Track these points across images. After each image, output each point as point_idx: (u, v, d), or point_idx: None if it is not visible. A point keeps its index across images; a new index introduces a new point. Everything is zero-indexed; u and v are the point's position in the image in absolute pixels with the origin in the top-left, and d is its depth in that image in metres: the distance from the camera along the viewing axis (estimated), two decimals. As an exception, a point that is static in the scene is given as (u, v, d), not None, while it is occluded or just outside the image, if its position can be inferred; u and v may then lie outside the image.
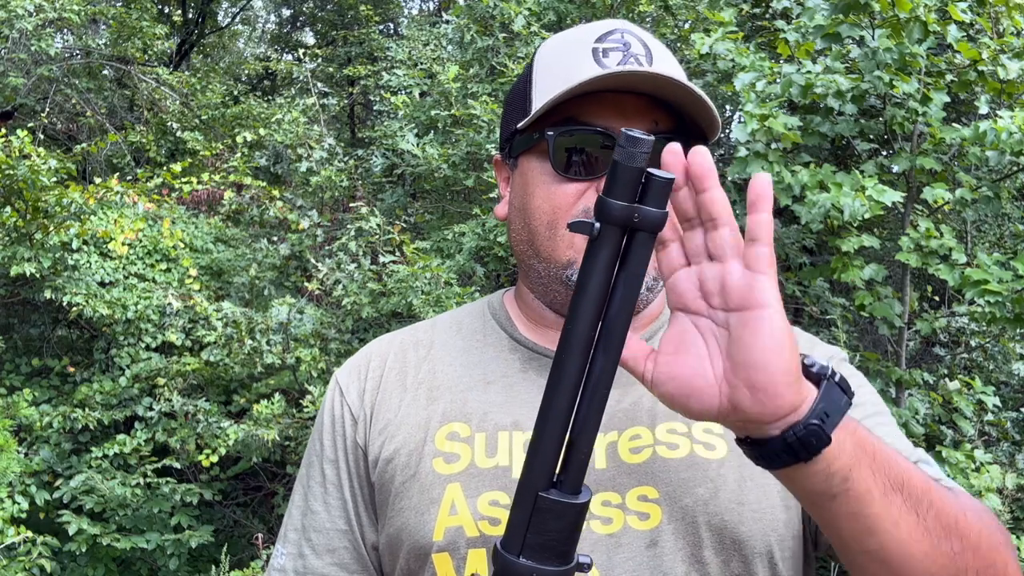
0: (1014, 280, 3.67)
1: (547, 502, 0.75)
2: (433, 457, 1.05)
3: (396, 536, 1.05)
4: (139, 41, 8.37)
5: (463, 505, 1.01)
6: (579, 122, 1.02)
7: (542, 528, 0.75)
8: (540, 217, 1.06)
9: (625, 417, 1.05)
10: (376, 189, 6.68)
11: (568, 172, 1.03)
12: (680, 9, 6.35)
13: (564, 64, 1.06)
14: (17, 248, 5.38)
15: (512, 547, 0.76)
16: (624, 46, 1.05)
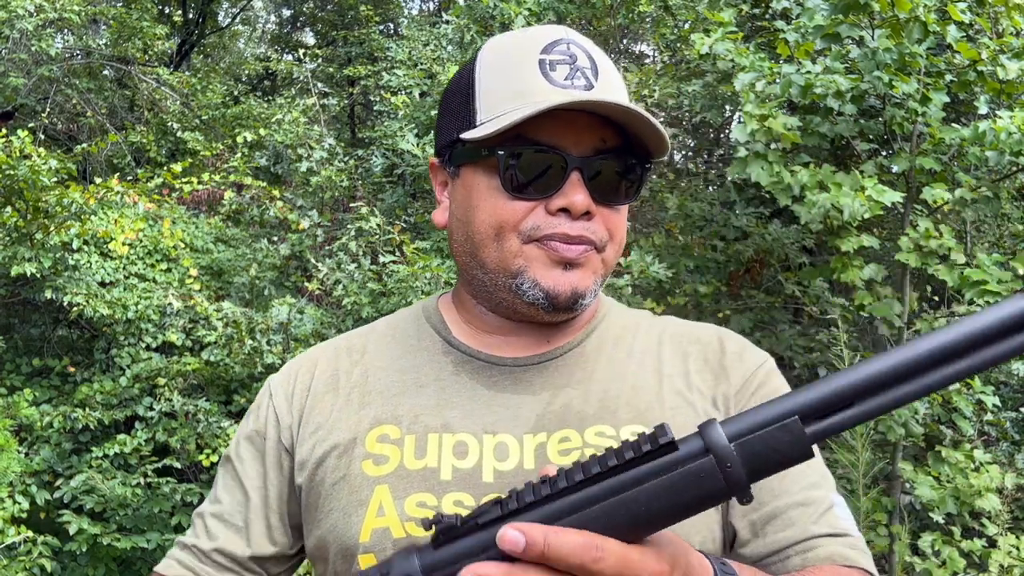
0: (1013, 280, 3.67)
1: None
2: (363, 459, 1.06)
3: (324, 538, 1.06)
4: (139, 41, 8.37)
5: (390, 506, 1.02)
6: (529, 140, 1.02)
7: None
8: (486, 231, 1.06)
9: (555, 419, 1.06)
10: (376, 189, 6.68)
11: (518, 191, 1.04)
12: (680, 9, 6.35)
13: (510, 75, 1.06)
14: (18, 248, 5.38)
15: None
16: (571, 59, 1.05)
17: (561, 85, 1.03)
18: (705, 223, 5.55)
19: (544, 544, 0.65)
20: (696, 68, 5.81)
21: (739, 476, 0.68)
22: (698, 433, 0.70)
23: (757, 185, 4.10)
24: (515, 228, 1.04)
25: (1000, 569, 4.04)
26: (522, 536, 0.66)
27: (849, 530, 1.04)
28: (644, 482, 0.69)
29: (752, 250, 5.46)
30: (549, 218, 1.03)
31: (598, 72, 1.06)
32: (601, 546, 0.67)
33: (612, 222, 1.07)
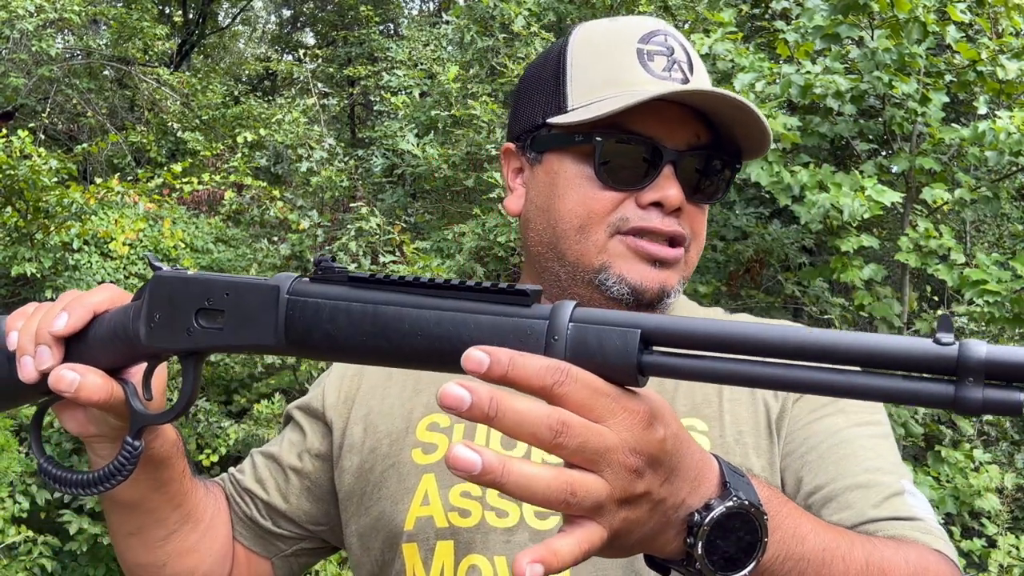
0: (1013, 280, 3.67)
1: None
2: (413, 447, 1.05)
3: (373, 525, 1.05)
4: (140, 41, 8.37)
5: (435, 496, 1.01)
6: (626, 130, 1.00)
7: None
8: (571, 220, 1.03)
9: None
10: (376, 189, 6.68)
11: (610, 181, 1.01)
12: (680, 9, 6.35)
13: (608, 63, 1.03)
14: (18, 248, 5.38)
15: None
16: (668, 51, 1.04)
17: (659, 76, 1.01)
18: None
19: (509, 364, 0.61)
20: (696, 68, 5.81)
21: (558, 352, 0.65)
22: (556, 303, 0.68)
23: (757, 185, 4.10)
24: (603, 219, 1.01)
25: (1000, 569, 4.04)
26: (487, 356, 0.62)
27: (922, 516, 0.94)
28: (483, 313, 0.69)
29: (752, 250, 5.46)
30: (639, 211, 1.01)
31: (693, 66, 1.05)
32: (566, 370, 0.62)
33: (697, 220, 1.05)
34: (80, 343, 0.84)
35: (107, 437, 0.91)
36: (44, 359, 0.83)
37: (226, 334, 0.78)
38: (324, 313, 0.73)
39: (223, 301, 0.78)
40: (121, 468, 0.84)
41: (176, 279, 0.81)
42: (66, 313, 0.83)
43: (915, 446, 4.47)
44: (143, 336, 0.81)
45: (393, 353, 0.71)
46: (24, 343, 0.84)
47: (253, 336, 0.77)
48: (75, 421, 0.91)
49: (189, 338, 0.79)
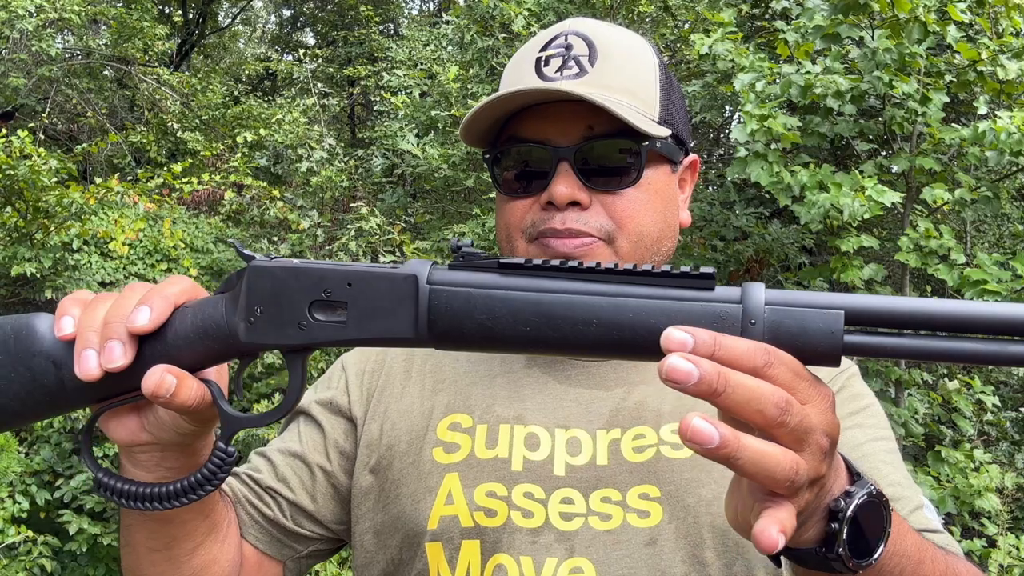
0: (1013, 280, 3.67)
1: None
2: (434, 446, 1.04)
3: (392, 523, 1.04)
4: (140, 41, 8.37)
5: (460, 495, 1.00)
6: (517, 138, 1.02)
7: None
8: (501, 234, 1.07)
9: (630, 416, 1.04)
10: (376, 189, 6.68)
11: (512, 191, 1.03)
12: (680, 9, 6.35)
13: (513, 76, 1.06)
14: (18, 248, 5.38)
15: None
16: (565, 49, 1.03)
17: (549, 78, 1.01)
18: (705, 223, 5.55)
19: (715, 344, 0.61)
20: (696, 68, 5.81)
21: (756, 336, 0.64)
22: (741, 285, 0.67)
23: (757, 185, 4.10)
24: (518, 228, 1.04)
25: (1000, 569, 4.04)
26: (690, 336, 0.61)
27: (943, 530, 0.98)
28: (666, 298, 0.66)
29: (752, 250, 5.46)
30: (541, 213, 1.02)
31: (596, 56, 1.03)
32: (773, 352, 0.62)
33: (616, 209, 1.02)
34: (154, 340, 0.74)
35: (156, 445, 0.81)
36: (114, 356, 0.73)
37: (350, 328, 0.72)
38: (478, 303, 0.69)
39: (345, 292, 0.71)
40: (212, 476, 0.76)
41: (282, 269, 0.73)
42: (148, 307, 0.74)
43: (915, 446, 4.47)
44: (242, 332, 0.73)
45: (560, 343, 0.68)
46: (88, 335, 0.74)
47: (384, 329, 0.71)
48: (126, 429, 0.80)
49: (302, 333, 0.72)
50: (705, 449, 0.58)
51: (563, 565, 0.96)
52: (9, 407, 0.76)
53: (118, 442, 0.81)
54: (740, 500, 0.67)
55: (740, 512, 0.67)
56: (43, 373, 0.75)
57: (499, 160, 1.04)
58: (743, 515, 0.66)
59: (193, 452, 0.83)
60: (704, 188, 6.60)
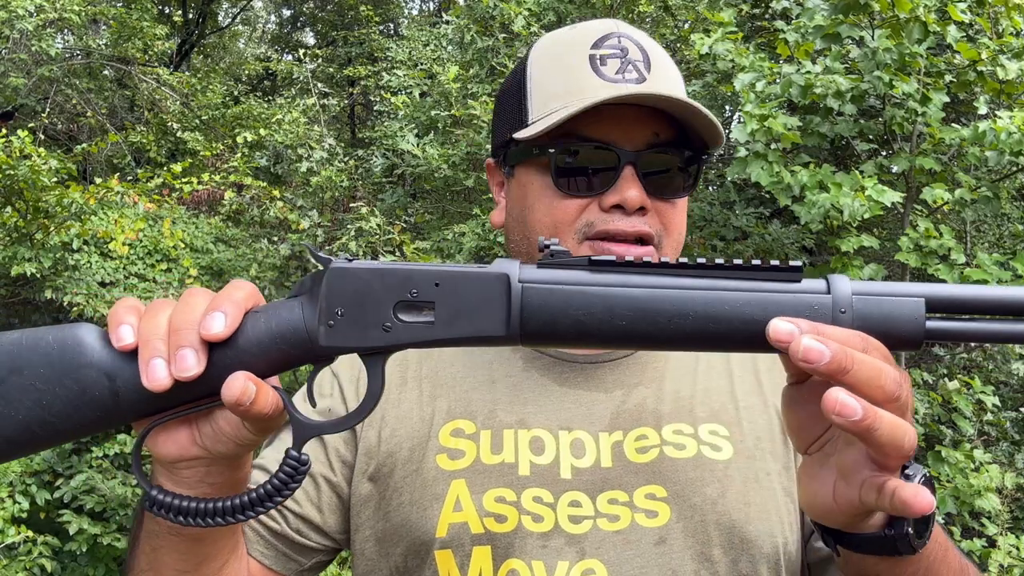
0: (1013, 280, 3.67)
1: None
2: (437, 453, 1.04)
3: (394, 532, 1.03)
4: (139, 41, 8.37)
5: (468, 501, 1.00)
6: (580, 136, 1.01)
7: None
8: (540, 230, 1.05)
9: (630, 417, 1.05)
10: (376, 189, 6.68)
11: (570, 189, 1.03)
12: (680, 9, 6.36)
13: (561, 72, 1.05)
14: (18, 248, 5.38)
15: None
16: (621, 52, 1.04)
17: (612, 80, 1.02)
18: (705, 223, 5.56)
19: (817, 333, 0.66)
20: (696, 68, 5.81)
21: (845, 324, 0.68)
22: (823, 277, 0.71)
23: (757, 185, 4.10)
24: (570, 227, 1.03)
25: (1000, 569, 4.04)
26: (795, 327, 0.66)
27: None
28: (762, 291, 0.69)
29: (752, 250, 5.46)
30: (603, 215, 1.02)
31: (651, 64, 1.05)
32: (866, 339, 0.67)
33: (667, 217, 1.05)
34: (224, 347, 0.71)
35: (203, 460, 0.76)
36: (187, 365, 0.69)
37: (438, 328, 0.71)
38: (574, 300, 0.70)
39: (432, 292, 0.71)
40: (284, 486, 0.72)
41: (364, 270, 0.72)
42: (221, 313, 0.71)
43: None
44: (322, 336, 0.71)
45: (655, 336, 0.70)
46: (154, 343, 0.70)
47: (474, 328, 0.71)
48: (176, 443, 0.75)
49: (387, 334, 0.71)
50: (849, 421, 0.63)
51: (575, 567, 0.96)
52: (53, 425, 0.71)
53: (164, 457, 0.76)
54: (839, 481, 0.71)
55: (841, 492, 0.71)
56: (94, 386, 0.71)
57: (556, 156, 1.02)
58: (845, 494, 0.70)
59: (239, 466, 0.80)
60: (704, 188, 6.60)
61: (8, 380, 0.70)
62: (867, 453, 0.68)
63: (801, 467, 0.77)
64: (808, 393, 0.72)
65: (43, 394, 0.70)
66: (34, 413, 0.70)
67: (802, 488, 0.76)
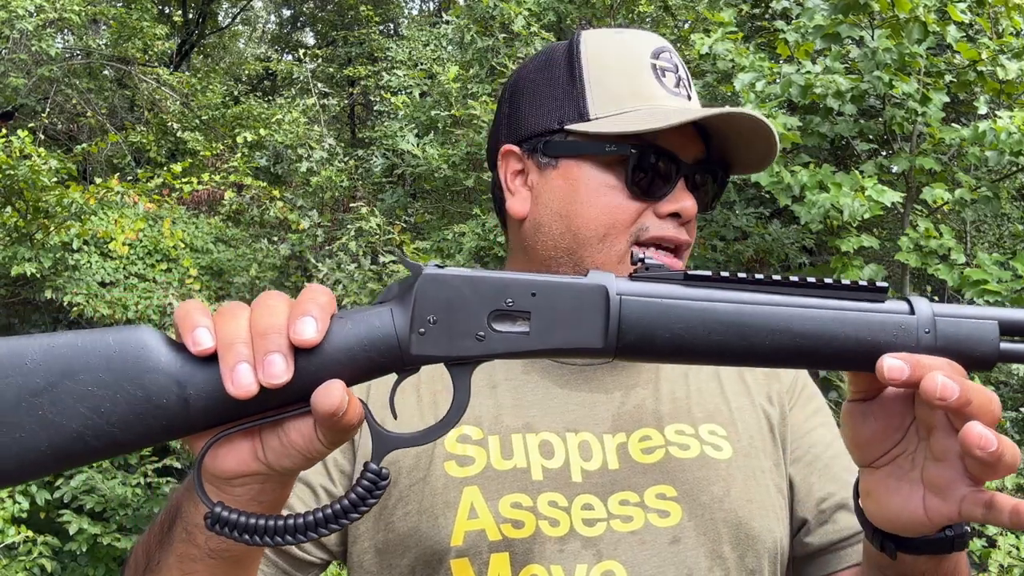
0: (1013, 280, 3.67)
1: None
2: (444, 460, 1.02)
3: (399, 542, 1.01)
4: (139, 41, 8.38)
5: (483, 508, 0.98)
6: (648, 143, 1.04)
7: None
8: (595, 228, 1.04)
9: (631, 418, 1.06)
10: (376, 189, 6.69)
11: (638, 191, 1.04)
12: (680, 9, 6.36)
13: (627, 76, 1.06)
14: (18, 248, 5.38)
15: None
16: (675, 68, 1.09)
17: (673, 92, 1.07)
18: (705, 223, 5.56)
19: (922, 367, 0.69)
20: (696, 68, 5.81)
21: (929, 343, 0.71)
22: (903, 298, 0.74)
23: (757, 185, 4.10)
24: (626, 229, 1.04)
25: (1000, 569, 4.04)
26: (907, 364, 0.70)
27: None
28: (847, 309, 0.72)
29: (752, 250, 5.47)
30: (658, 221, 1.05)
31: (691, 82, 1.12)
32: (956, 366, 0.71)
33: (693, 229, 1.10)
34: (309, 354, 0.68)
35: (260, 477, 0.72)
36: (277, 371, 0.65)
37: (533, 338, 0.70)
38: (672, 313, 0.70)
39: (528, 302, 0.70)
40: (361, 501, 0.69)
41: (458, 278, 0.70)
42: (312, 318, 0.67)
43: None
44: (413, 344, 0.69)
45: (747, 352, 0.71)
46: (238, 347, 0.66)
47: (570, 339, 0.70)
48: (238, 457, 0.71)
49: (480, 344, 0.70)
50: (987, 453, 0.68)
51: (594, 570, 0.97)
52: (111, 435, 0.65)
53: (222, 473, 0.71)
54: (932, 497, 0.74)
55: (935, 507, 0.74)
56: (161, 393, 0.65)
57: (636, 158, 1.04)
58: (941, 509, 0.73)
59: (289, 484, 0.77)
60: (704, 188, 6.59)
61: (60, 385, 0.64)
62: (963, 470, 0.72)
63: (871, 481, 0.79)
64: (879, 409, 0.76)
65: (102, 401, 0.65)
66: (90, 422, 0.64)
67: (876, 502, 0.78)
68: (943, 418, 0.73)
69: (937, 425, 0.73)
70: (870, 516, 0.80)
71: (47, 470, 0.65)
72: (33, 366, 0.64)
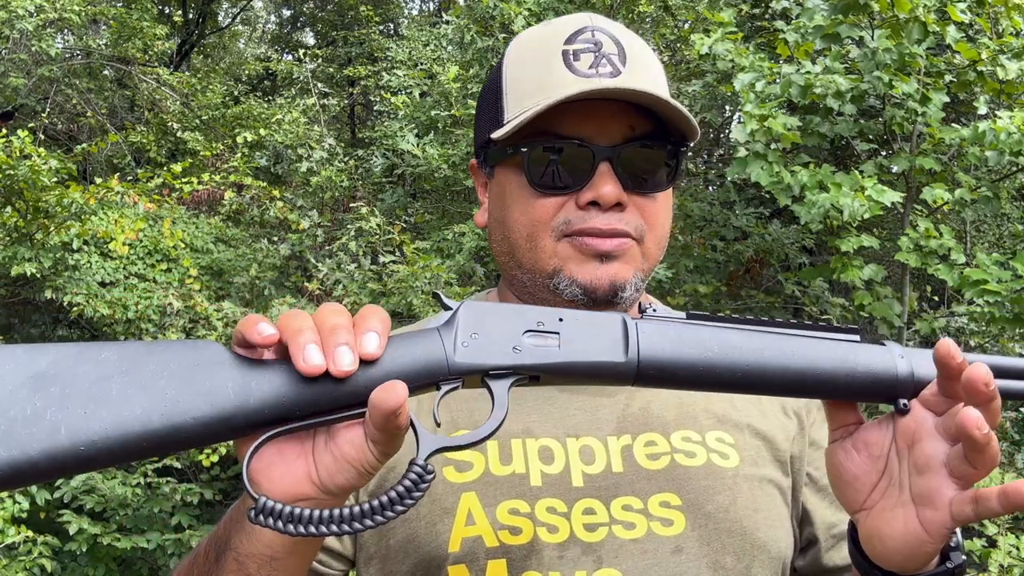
0: (1013, 280, 3.67)
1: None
2: (443, 465, 1.01)
3: (401, 548, 1.00)
4: (139, 41, 8.37)
5: (481, 514, 0.98)
6: (553, 134, 1.00)
7: None
8: (519, 230, 1.03)
9: (637, 421, 1.04)
10: (376, 189, 6.69)
11: (545, 187, 1.01)
12: (680, 9, 6.36)
13: (534, 69, 1.03)
14: (18, 248, 5.38)
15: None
16: (595, 46, 1.02)
17: (585, 75, 1.00)
18: (705, 223, 5.56)
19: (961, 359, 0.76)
20: (696, 68, 5.82)
21: (906, 373, 0.80)
22: (878, 341, 0.83)
23: (757, 185, 4.10)
24: (547, 225, 1.01)
25: (1000, 569, 4.04)
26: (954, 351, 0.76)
27: None
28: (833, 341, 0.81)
29: (752, 250, 5.47)
30: (580, 212, 1.00)
31: (626, 57, 1.02)
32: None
33: (648, 211, 1.03)
34: (368, 365, 0.73)
35: (312, 501, 0.75)
36: (346, 361, 0.71)
37: (562, 350, 0.79)
38: (685, 336, 0.79)
39: (556, 324, 0.79)
40: (408, 494, 0.73)
41: (495, 305, 0.81)
42: (376, 333, 0.72)
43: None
44: (457, 355, 0.76)
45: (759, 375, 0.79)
46: (307, 333, 0.71)
47: (594, 353, 0.78)
48: (293, 477, 0.74)
49: (517, 355, 0.78)
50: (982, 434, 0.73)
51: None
52: (171, 420, 0.69)
53: (275, 495, 0.72)
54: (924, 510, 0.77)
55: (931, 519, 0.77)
56: (222, 385, 0.70)
57: (528, 155, 1.01)
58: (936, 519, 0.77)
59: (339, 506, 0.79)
60: (704, 188, 6.60)
61: (131, 372, 0.69)
62: (947, 475, 0.75)
63: (868, 523, 0.81)
64: (859, 443, 0.81)
65: (167, 387, 0.69)
66: (155, 404, 0.68)
67: (880, 541, 0.80)
68: (930, 425, 0.76)
69: (924, 435, 0.76)
70: (876, 558, 0.81)
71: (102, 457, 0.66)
72: (106, 359, 0.69)
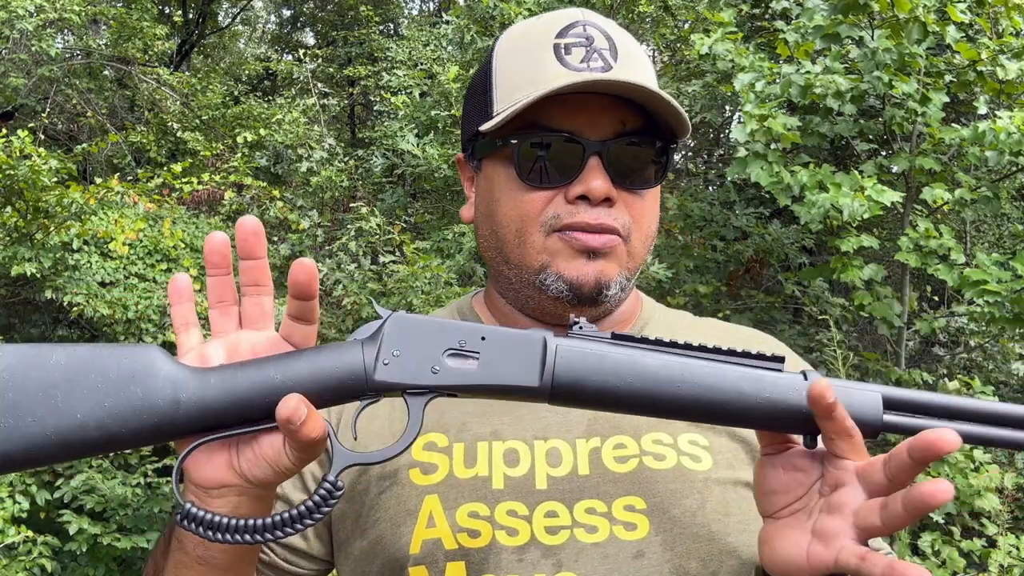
0: (1013, 280, 3.67)
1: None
2: (410, 467, 1.01)
3: (370, 549, 1.01)
4: (139, 41, 8.37)
5: (441, 517, 0.98)
6: (543, 127, 0.99)
7: None
8: (508, 225, 1.02)
9: (608, 424, 1.03)
10: (376, 189, 6.69)
11: (534, 181, 1.00)
12: (680, 9, 6.36)
13: (525, 62, 1.02)
14: (18, 248, 5.38)
15: None
16: (586, 40, 1.01)
17: (576, 68, 0.99)
18: (705, 223, 5.56)
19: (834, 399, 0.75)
20: (696, 68, 5.82)
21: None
22: (801, 372, 0.82)
23: (757, 185, 4.10)
24: (536, 220, 1.00)
25: (1000, 569, 4.04)
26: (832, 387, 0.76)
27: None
28: (756, 370, 0.80)
29: (752, 250, 5.47)
30: (568, 207, 0.99)
31: (617, 52, 1.01)
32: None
33: (636, 208, 1.02)
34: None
35: (236, 489, 0.79)
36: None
37: (480, 372, 0.80)
38: (604, 363, 0.79)
39: (478, 344, 0.80)
40: (316, 509, 0.76)
41: (420, 321, 0.81)
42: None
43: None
44: (377, 372, 0.78)
45: (674, 403, 0.79)
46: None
47: (511, 377, 0.79)
48: (214, 467, 0.78)
49: (435, 376, 0.79)
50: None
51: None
52: (108, 428, 0.74)
53: (201, 481, 0.78)
54: (815, 544, 0.78)
55: (817, 553, 0.78)
56: (156, 394, 0.75)
57: (518, 147, 1.00)
58: (821, 555, 0.77)
59: (266, 500, 0.82)
60: (704, 188, 6.60)
61: (75, 380, 0.74)
62: (851, 524, 0.75)
63: (770, 530, 0.82)
64: (787, 462, 0.81)
65: (106, 396, 0.74)
66: (93, 413, 0.73)
67: (770, 549, 0.81)
68: (853, 476, 0.76)
69: (847, 482, 0.76)
70: (762, 561, 0.83)
71: (49, 458, 0.73)
72: (55, 365, 0.74)
